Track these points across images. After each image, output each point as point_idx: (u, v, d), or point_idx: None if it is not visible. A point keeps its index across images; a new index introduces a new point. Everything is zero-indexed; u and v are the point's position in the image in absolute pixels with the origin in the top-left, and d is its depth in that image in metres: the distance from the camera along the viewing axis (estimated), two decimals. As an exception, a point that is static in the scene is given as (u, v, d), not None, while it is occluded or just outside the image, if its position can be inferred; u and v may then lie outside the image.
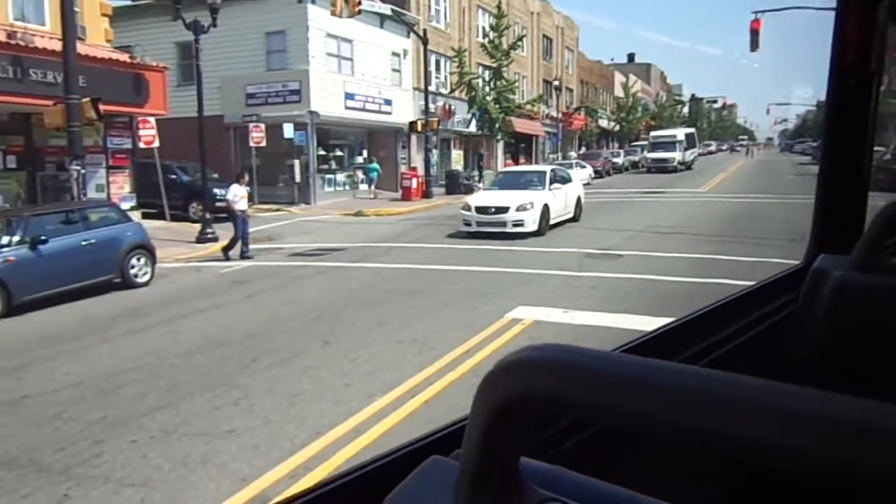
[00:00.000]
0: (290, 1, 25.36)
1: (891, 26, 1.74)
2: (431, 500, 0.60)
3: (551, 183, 17.51)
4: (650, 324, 7.98)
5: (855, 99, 1.73)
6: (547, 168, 19.47)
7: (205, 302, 10.40)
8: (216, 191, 20.67)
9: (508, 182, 18.34)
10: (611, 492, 0.59)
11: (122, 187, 19.31)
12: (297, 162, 25.71)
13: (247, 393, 6.33)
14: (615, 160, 46.06)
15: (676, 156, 43.65)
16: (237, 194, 14.58)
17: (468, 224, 16.43)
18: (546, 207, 16.45)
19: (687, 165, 44.74)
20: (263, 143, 24.12)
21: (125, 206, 16.72)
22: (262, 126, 24.21)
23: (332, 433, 5.33)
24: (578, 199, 19.30)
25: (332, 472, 4.70)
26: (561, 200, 17.59)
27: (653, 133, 51.72)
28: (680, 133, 48.07)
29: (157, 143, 19.08)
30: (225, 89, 26.16)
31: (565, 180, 18.76)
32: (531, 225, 15.89)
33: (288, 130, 24.92)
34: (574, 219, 18.64)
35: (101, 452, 5.12)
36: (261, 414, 5.84)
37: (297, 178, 25.86)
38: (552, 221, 16.81)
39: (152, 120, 19.01)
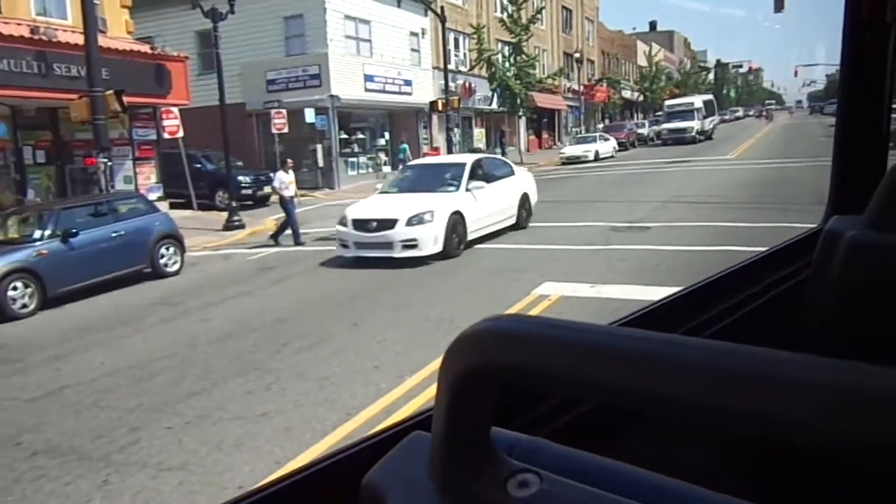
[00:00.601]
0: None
1: None
2: (408, 474, 0.60)
3: (471, 180, 12.66)
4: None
5: (871, 53, 1.67)
6: (467, 160, 13.83)
7: (234, 289, 10.51)
8: (241, 178, 20.87)
9: (414, 181, 13.42)
10: (590, 461, 0.58)
11: (148, 178, 19.57)
12: (319, 147, 25.80)
13: (278, 377, 6.40)
14: (640, 131, 45.27)
15: (695, 125, 40.70)
16: (283, 181, 14.44)
17: (345, 246, 11.79)
18: (458, 217, 11.75)
19: (707, 135, 41.95)
20: (286, 129, 24.17)
21: (152, 196, 16.96)
22: (284, 112, 24.23)
23: (363, 414, 5.37)
24: (524, 199, 14.18)
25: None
26: (489, 204, 12.69)
27: (667, 102, 48.27)
28: (697, 100, 44.70)
29: (181, 133, 19.23)
30: (245, 76, 26.24)
31: (494, 177, 13.59)
32: (430, 245, 11.12)
33: (309, 115, 24.96)
34: (518, 225, 13.85)
35: (138, 439, 5.22)
36: (292, 397, 5.90)
37: (321, 163, 25.97)
38: (474, 235, 12.24)
39: (175, 110, 19.15)
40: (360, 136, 29.26)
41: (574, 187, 21.85)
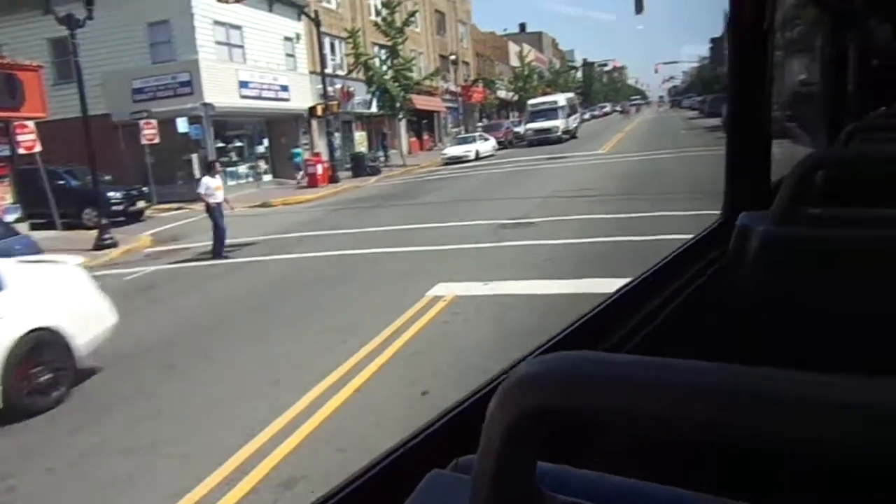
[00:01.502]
0: (170, -12, 24.20)
1: None
2: None
3: None
4: (571, 287, 8.17)
5: (753, 57, 1.79)
6: None
7: (112, 311, 9.88)
8: (111, 194, 19.67)
9: None
10: (617, 484, 0.58)
11: (2, 198, 18.07)
12: (194, 157, 24.74)
13: (168, 401, 6.07)
14: (517, 129, 46.27)
15: (559, 124, 39.37)
16: (209, 186, 13.55)
17: None
18: None
19: (571, 134, 41.00)
20: (157, 140, 23.09)
21: (9, 218, 15.68)
22: (154, 122, 23.14)
23: (265, 433, 5.18)
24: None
25: (267, 473, 4.59)
26: None
27: (531, 101, 45.93)
28: (561, 98, 43.51)
29: (38, 148, 17.92)
30: (108, 86, 24.73)
31: None
32: None
33: (182, 125, 23.92)
34: None
35: (13, 487, 4.79)
36: (188, 420, 5.61)
37: (197, 174, 24.87)
38: None
39: (31, 124, 17.83)
40: (238, 144, 28.32)
41: (459, 187, 22.13)
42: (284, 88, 29.51)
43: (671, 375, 0.43)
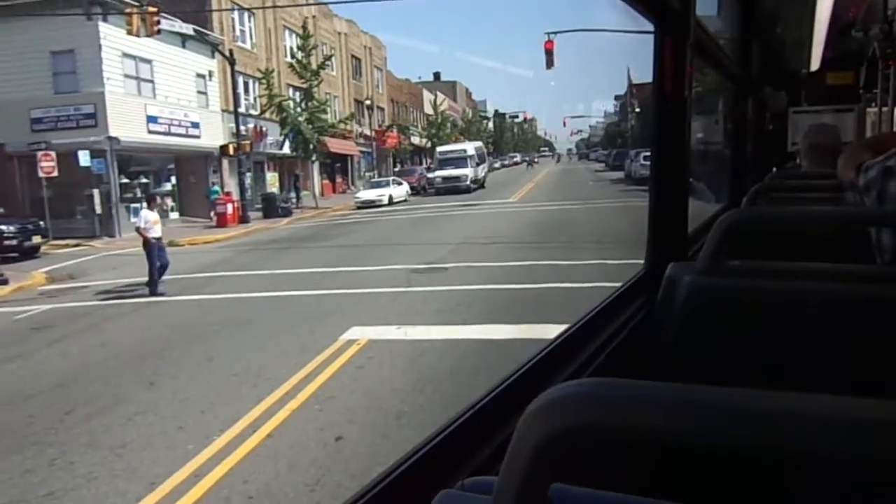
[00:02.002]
0: (79, 18, 23.42)
1: (696, 59, 2.05)
2: None
3: None
4: (483, 332, 8.31)
5: (673, 121, 1.98)
6: None
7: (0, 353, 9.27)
8: (3, 227, 18.60)
9: None
10: (621, 500, 0.62)
11: None
12: (96, 192, 23.76)
13: (64, 450, 5.73)
14: (430, 175, 46.74)
15: (468, 172, 38.50)
16: (149, 220, 12.95)
17: None
18: None
19: (479, 183, 40.33)
20: (55, 173, 22.05)
21: None
22: (53, 154, 22.12)
23: (169, 482, 4.97)
24: None
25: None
26: None
27: (439, 148, 45.02)
28: (469, 147, 42.68)
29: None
30: (5, 114, 23.58)
31: None
32: None
33: (84, 158, 22.99)
34: None
35: None
36: (83, 471, 5.30)
37: (98, 210, 23.89)
38: None
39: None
40: (144, 180, 27.39)
41: (371, 231, 22.15)
42: (195, 125, 28.92)
43: (690, 397, 0.49)
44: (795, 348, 1.36)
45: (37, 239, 20.46)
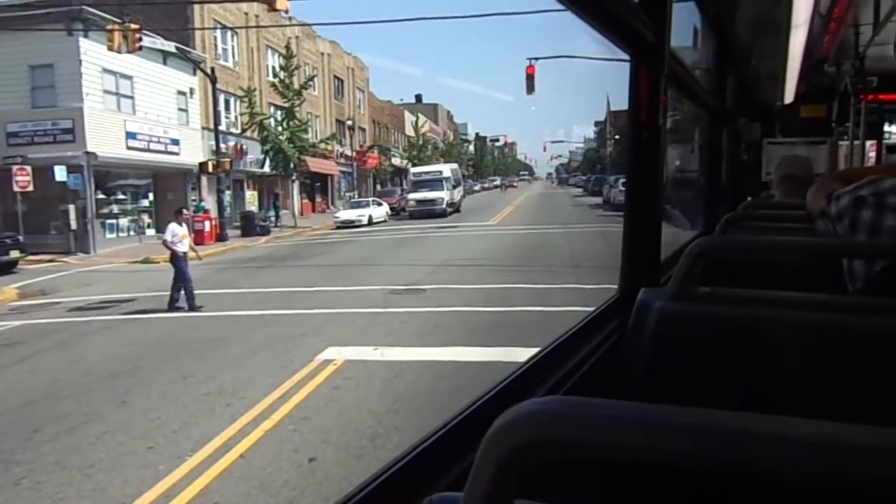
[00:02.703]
0: (59, 33, 23.31)
1: (671, 89, 2.11)
2: None
3: None
4: (460, 354, 8.31)
5: (648, 150, 2.03)
6: None
7: (-33, 370, 9.09)
8: None
9: None
10: None
11: None
12: (72, 207, 23.49)
13: (31, 469, 5.61)
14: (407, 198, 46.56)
15: (444, 195, 36.61)
16: (176, 233, 12.67)
17: None
18: None
19: (455, 207, 38.71)
20: (31, 188, 21.80)
21: None
22: (28, 168, 21.88)
23: (138, 503, 4.89)
24: None
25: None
26: None
27: (413, 169, 43.45)
28: (446, 169, 40.75)
29: None
30: (-20, 128, 23.38)
31: None
32: None
33: (60, 173, 22.74)
34: None
35: None
36: (50, 492, 5.20)
37: (73, 225, 23.60)
38: None
39: None
40: (121, 196, 27.16)
41: (350, 251, 22.10)
42: (175, 142, 28.78)
43: (649, 415, 0.51)
44: (764, 376, 1.39)
45: (15, 254, 20.16)
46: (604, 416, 0.53)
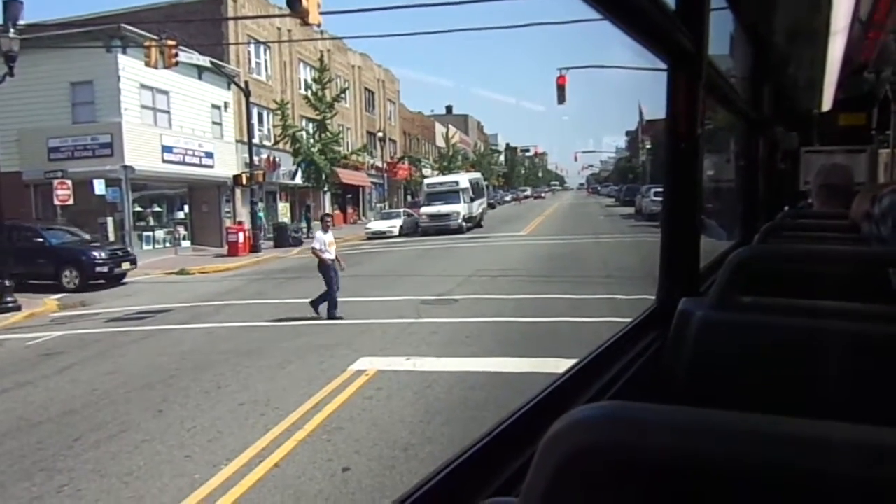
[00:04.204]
0: (98, 50, 23.91)
1: (708, 98, 2.09)
2: None
3: None
4: (492, 365, 8.28)
5: (686, 160, 2.01)
6: None
7: (10, 380, 9.29)
8: (96, 254, 19.12)
9: None
10: None
11: None
12: (110, 220, 24.03)
13: (72, 477, 5.72)
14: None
15: (461, 209, 32.83)
16: (325, 241, 12.76)
17: None
18: None
19: (476, 221, 35.24)
20: (70, 201, 22.29)
21: None
22: (69, 182, 22.39)
23: (176, 510, 4.96)
24: None
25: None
26: None
27: (428, 180, 39.62)
28: (463, 179, 36.79)
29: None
30: (24, 143, 24.03)
31: None
32: None
33: (99, 187, 23.25)
34: None
35: None
36: (90, 498, 5.30)
37: (111, 237, 24.09)
38: None
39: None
40: (157, 208, 27.70)
41: (381, 262, 22.20)
42: (209, 155, 29.26)
43: (708, 419, 0.52)
44: (807, 387, 1.37)
45: (125, 266, 20.09)
46: (659, 421, 0.53)
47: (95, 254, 18.99)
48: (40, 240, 19.17)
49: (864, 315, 1.44)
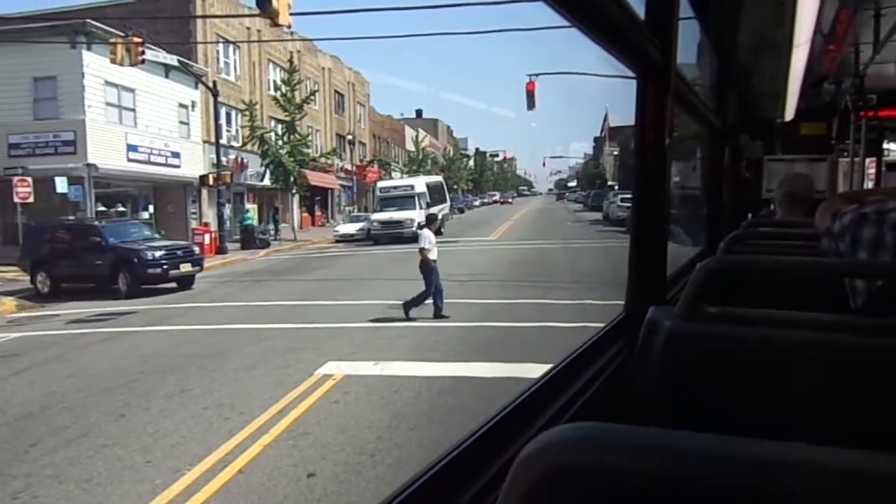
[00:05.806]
0: (62, 45, 23.42)
1: (676, 107, 2.12)
2: None
3: None
4: (461, 370, 8.28)
5: (654, 168, 2.04)
6: None
7: (-35, 382, 9.05)
8: (150, 254, 17.20)
9: None
10: None
11: None
12: (71, 219, 23.49)
13: (28, 483, 5.58)
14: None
15: (415, 216, 29.30)
16: (431, 240, 12.48)
17: None
18: None
19: (434, 229, 31.01)
20: (31, 199, 21.82)
21: None
22: (29, 180, 21.91)
23: (137, 517, 4.86)
24: None
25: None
26: None
27: (381, 184, 37.19)
28: (419, 183, 34.32)
29: None
30: (-19, 139, 23.42)
31: None
32: None
33: (61, 184, 22.77)
34: None
35: None
36: (48, 505, 5.17)
37: (73, 236, 23.57)
38: None
39: None
40: (121, 208, 27.18)
41: (349, 265, 22.10)
42: (175, 155, 28.84)
43: (673, 442, 0.51)
44: (775, 396, 1.39)
45: (186, 267, 17.97)
46: (632, 443, 0.52)
47: (151, 252, 17.14)
48: (97, 239, 17.67)
49: (829, 325, 1.47)
